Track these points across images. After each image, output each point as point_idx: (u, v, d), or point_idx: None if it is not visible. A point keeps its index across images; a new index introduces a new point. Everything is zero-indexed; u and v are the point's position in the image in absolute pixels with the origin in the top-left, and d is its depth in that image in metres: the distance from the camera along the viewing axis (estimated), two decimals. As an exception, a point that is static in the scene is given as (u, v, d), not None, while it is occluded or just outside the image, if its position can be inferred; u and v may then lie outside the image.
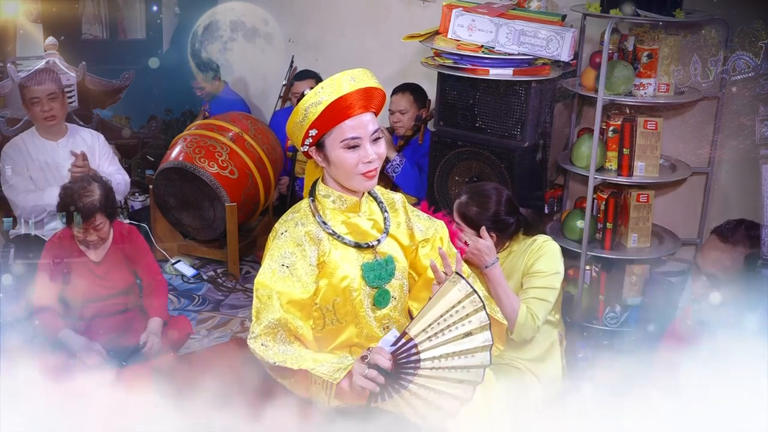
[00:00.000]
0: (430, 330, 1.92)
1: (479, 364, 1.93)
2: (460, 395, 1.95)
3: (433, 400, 1.94)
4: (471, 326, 1.92)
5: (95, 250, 3.21)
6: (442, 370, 1.93)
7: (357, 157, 2.05)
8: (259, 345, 2.01)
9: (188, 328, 3.45)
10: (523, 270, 2.75)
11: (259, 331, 2.02)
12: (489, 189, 2.82)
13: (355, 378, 1.90)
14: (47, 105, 3.66)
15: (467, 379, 1.94)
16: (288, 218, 2.16)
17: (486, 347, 1.94)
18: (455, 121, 3.69)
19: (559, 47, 3.42)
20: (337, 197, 2.15)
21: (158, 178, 4.39)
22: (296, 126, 2.08)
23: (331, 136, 2.06)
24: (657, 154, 3.48)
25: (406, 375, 1.92)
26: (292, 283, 2.06)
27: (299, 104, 2.06)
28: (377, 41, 4.80)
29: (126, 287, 3.29)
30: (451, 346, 1.92)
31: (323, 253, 2.12)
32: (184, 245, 4.57)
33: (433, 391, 1.94)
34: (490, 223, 2.72)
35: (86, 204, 3.06)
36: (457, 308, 1.93)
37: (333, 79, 2.04)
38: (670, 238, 3.67)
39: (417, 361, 1.91)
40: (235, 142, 4.37)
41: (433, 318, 1.92)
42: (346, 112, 2.04)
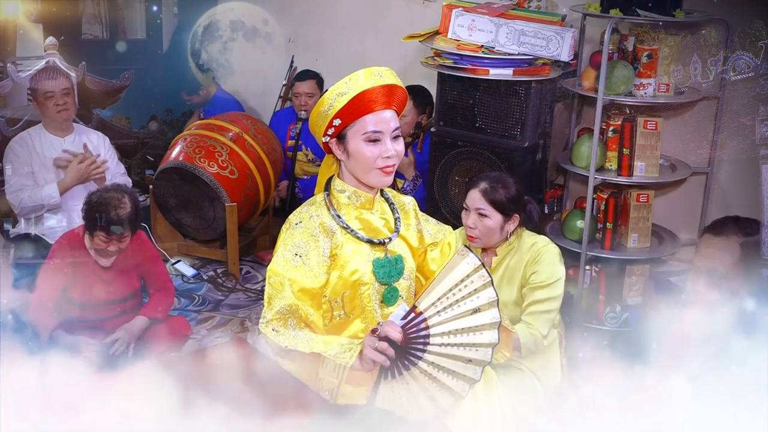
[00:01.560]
0: (439, 304, 1.93)
1: (487, 342, 1.94)
2: (469, 375, 1.97)
3: (443, 379, 1.96)
4: (479, 302, 1.94)
5: (106, 258, 3.20)
6: (450, 347, 1.94)
7: (377, 152, 2.09)
8: (270, 330, 2.06)
9: (187, 328, 3.45)
10: (523, 278, 2.77)
11: (271, 316, 2.06)
12: (501, 174, 2.90)
13: (366, 351, 1.93)
14: (61, 99, 3.72)
15: (475, 358, 1.95)
16: (303, 210, 2.20)
17: (494, 324, 1.95)
18: (455, 121, 3.69)
19: (559, 47, 3.42)
20: (352, 193, 2.18)
21: (158, 178, 4.39)
22: (320, 115, 2.12)
23: (353, 128, 2.10)
24: (657, 154, 3.48)
25: (416, 350, 1.93)
26: (304, 272, 2.09)
27: (326, 94, 2.11)
28: (377, 41, 4.80)
29: (131, 293, 3.29)
30: (459, 321, 1.93)
31: (336, 245, 2.14)
32: (184, 245, 4.57)
33: (442, 370, 1.95)
34: (516, 204, 2.77)
35: (121, 216, 3.06)
36: (466, 282, 1.94)
37: (361, 73, 2.09)
38: (670, 238, 3.67)
39: (427, 336, 1.93)
40: (235, 142, 4.37)
41: (442, 292, 1.93)
42: (370, 105, 2.08)
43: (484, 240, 2.79)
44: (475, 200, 2.77)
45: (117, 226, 3.06)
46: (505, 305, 2.81)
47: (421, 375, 1.96)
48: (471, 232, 2.79)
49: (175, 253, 4.52)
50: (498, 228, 2.76)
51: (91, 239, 3.12)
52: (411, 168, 4.01)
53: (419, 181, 4.00)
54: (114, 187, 3.23)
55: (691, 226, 3.72)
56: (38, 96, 3.73)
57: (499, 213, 2.75)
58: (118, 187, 3.26)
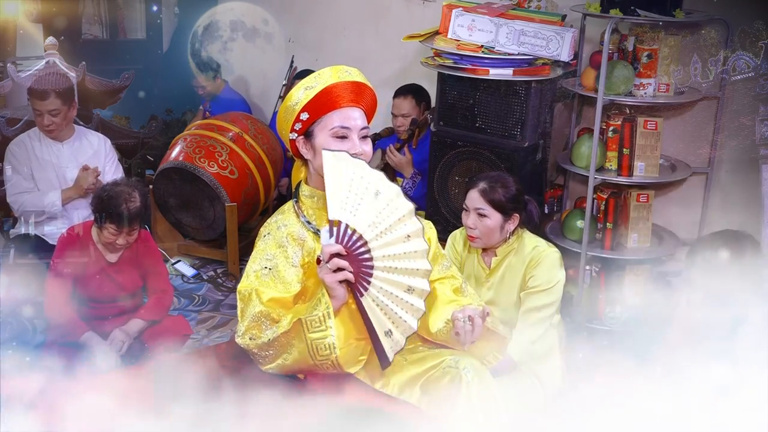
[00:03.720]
0: (354, 212, 1.94)
1: (423, 269, 1.99)
2: (416, 306, 1.99)
3: (404, 299, 1.98)
4: (408, 229, 1.97)
5: (113, 252, 3.21)
6: (390, 260, 1.95)
7: (344, 149, 2.06)
8: (248, 339, 2.06)
9: (186, 328, 3.44)
10: (522, 280, 2.77)
11: (245, 327, 2.06)
12: (500, 174, 2.90)
13: (327, 280, 1.93)
14: (47, 119, 3.63)
15: (416, 287, 1.98)
16: (271, 221, 2.19)
17: (424, 252, 1.99)
18: (455, 121, 3.69)
19: (559, 47, 3.42)
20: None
21: (158, 178, 4.39)
22: (287, 110, 2.11)
23: (320, 124, 2.09)
24: (657, 154, 3.48)
25: (361, 254, 1.94)
26: (274, 284, 2.08)
27: (293, 90, 2.11)
28: (377, 41, 4.80)
29: (133, 291, 3.29)
30: (389, 238, 1.95)
31: (308, 252, 2.12)
32: (184, 245, 4.57)
33: (398, 287, 1.97)
34: (515, 203, 2.77)
35: (131, 210, 3.07)
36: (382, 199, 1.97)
37: (328, 69, 2.10)
38: (670, 238, 3.67)
39: (361, 238, 1.93)
40: (235, 142, 4.37)
41: (345, 196, 1.94)
42: (338, 101, 2.08)
43: (485, 240, 2.79)
44: (475, 200, 2.77)
45: (130, 219, 3.07)
46: (505, 308, 2.81)
47: (384, 290, 1.96)
48: (471, 232, 2.79)
49: (175, 253, 4.53)
50: (498, 228, 2.76)
51: (99, 232, 3.14)
52: (409, 166, 4.00)
53: (418, 179, 4.00)
54: (124, 182, 3.25)
55: (691, 226, 3.72)
56: (32, 108, 3.69)
57: (499, 213, 2.75)
58: (128, 181, 3.28)
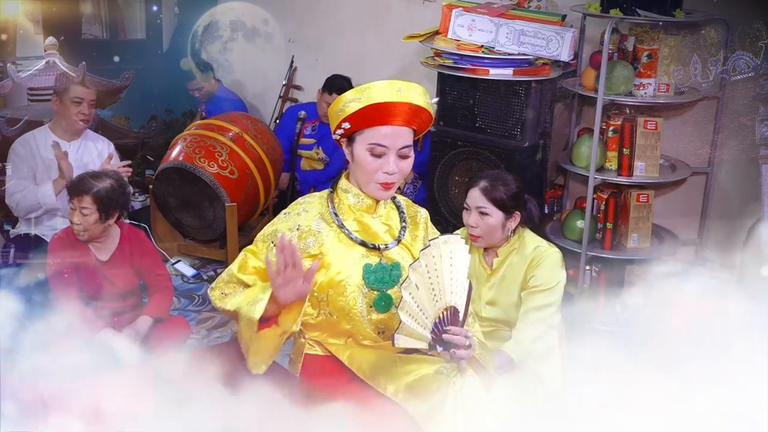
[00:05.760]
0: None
1: None
2: None
3: None
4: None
5: (102, 249, 3.20)
6: None
7: (378, 165, 2.09)
8: (219, 294, 2.15)
9: (186, 328, 3.44)
10: (524, 280, 2.77)
11: (219, 279, 2.17)
12: (500, 172, 2.91)
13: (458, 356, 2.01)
14: (87, 109, 3.71)
15: None
16: (299, 201, 2.23)
17: None
18: (455, 121, 3.69)
19: (559, 47, 3.42)
20: (355, 194, 2.19)
21: (158, 178, 4.39)
22: (334, 114, 2.14)
23: (362, 135, 2.11)
24: (657, 154, 3.48)
25: None
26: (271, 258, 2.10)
27: (345, 93, 2.12)
28: (377, 41, 4.80)
29: (130, 289, 3.29)
30: None
31: (321, 244, 2.13)
32: (184, 245, 4.57)
33: None
34: (516, 201, 2.77)
35: (92, 186, 3.06)
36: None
37: (380, 84, 2.08)
38: (670, 238, 3.67)
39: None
40: (235, 142, 4.37)
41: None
42: (380, 118, 2.07)
43: (487, 239, 2.79)
44: (476, 198, 2.77)
45: (77, 190, 3.05)
46: (506, 308, 2.81)
47: None
48: (473, 231, 2.79)
49: (175, 253, 4.52)
50: (499, 226, 2.76)
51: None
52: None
53: (419, 183, 4.00)
54: (103, 172, 3.26)
55: (691, 227, 3.72)
56: (64, 98, 3.70)
57: (500, 210, 2.75)
58: (106, 172, 3.27)
